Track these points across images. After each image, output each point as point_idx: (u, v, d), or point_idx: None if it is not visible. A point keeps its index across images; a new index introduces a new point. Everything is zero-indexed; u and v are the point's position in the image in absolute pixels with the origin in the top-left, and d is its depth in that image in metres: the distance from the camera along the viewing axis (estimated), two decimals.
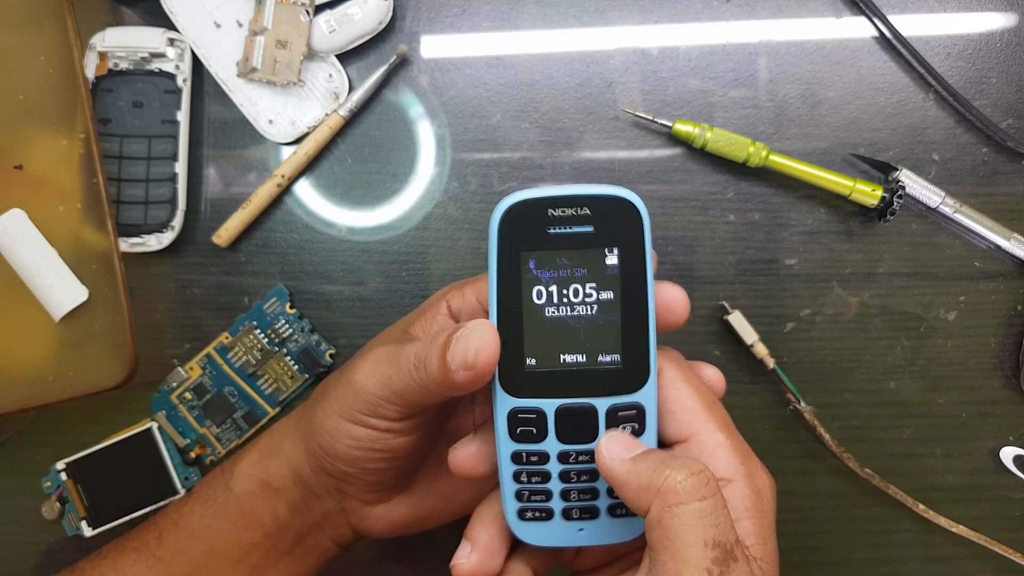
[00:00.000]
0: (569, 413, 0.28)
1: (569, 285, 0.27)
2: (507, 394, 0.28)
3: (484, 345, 0.27)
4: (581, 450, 0.28)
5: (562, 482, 0.29)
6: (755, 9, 0.45)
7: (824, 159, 0.44)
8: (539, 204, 0.27)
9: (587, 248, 0.27)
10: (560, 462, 0.28)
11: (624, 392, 0.28)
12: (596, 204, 0.27)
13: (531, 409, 0.28)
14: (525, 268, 0.27)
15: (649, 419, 0.28)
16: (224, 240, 0.43)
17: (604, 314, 0.27)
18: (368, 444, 0.31)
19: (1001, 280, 0.45)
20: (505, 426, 0.28)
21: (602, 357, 0.28)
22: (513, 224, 0.27)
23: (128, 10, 0.44)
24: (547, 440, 0.28)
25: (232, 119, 0.44)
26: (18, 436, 0.44)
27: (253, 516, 0.35)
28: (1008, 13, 0.45)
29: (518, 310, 0.27)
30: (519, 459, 0.28)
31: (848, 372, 0.45)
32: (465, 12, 0.45)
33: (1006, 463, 0.44)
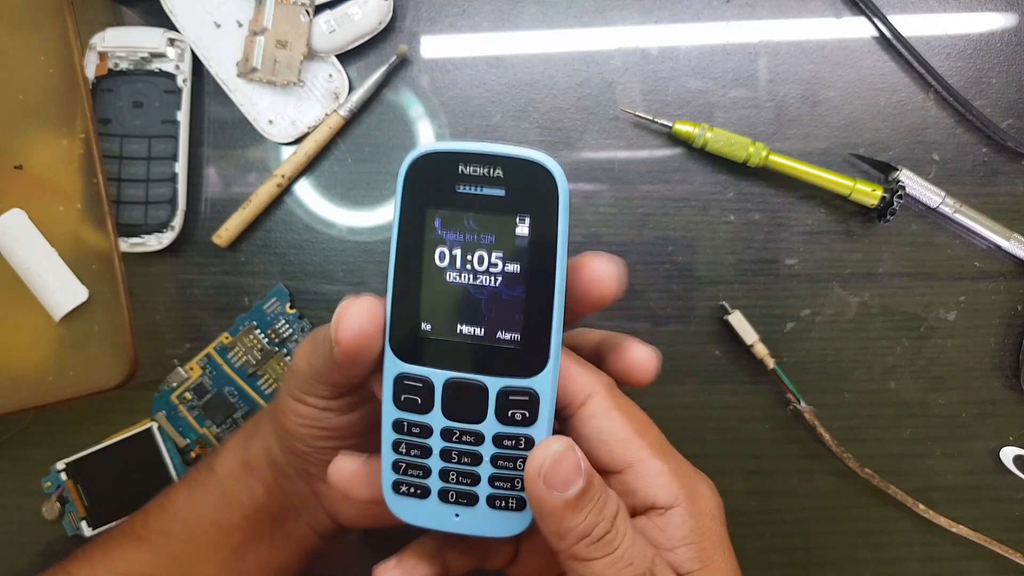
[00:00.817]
0: (458, 388, 0.26)
1: (475, 251, 0.25)
2: (396, 357, 0.26)
3: (347, 318, 0.25)
4: (466, 429, 0.26)
5: (442, 460, 0.27)
6: (755, 9, 0.45)
7: (824, 159, 0.44)
8: (449, 158, 0.25)
9: (497, 213, 0.25)
10: (443, 439, 0.27)
11: (520, 375, 0.26)
12: (510, 166, 0.25)
13: (419, 377, 0.26)
14: (429, 226, 0.25)
15: (543, 409, 0.26)
16: (224, 240, 0.43)
17: (508, 288, 0.25)
18: (311, 422, 0.31)
19: (1001, 280, 0.45)
20: (391, 390, 0.26)
21: (501, 334, 0.26)
22: (420, 176, 0.25)
23: (128, 10, 0.44)
24: (432, 413, 0.26)
25: (232, 119, 0.44)
26: (18, 436, 0.44)
27: (233, 497, 0.35)
28: (1008, 13, 0.45)
29: (417, 270, 0.26)
30: (400, 428, 0.27)
31: (848, 372, 0.45)
32: (465, 12, 0.45)
33: (1006, 463, 0.44)
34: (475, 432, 0.26)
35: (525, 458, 0.26)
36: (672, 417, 0.44)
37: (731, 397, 0.44)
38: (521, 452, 0.26)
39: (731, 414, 0.44)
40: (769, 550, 0.44)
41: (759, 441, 0.44)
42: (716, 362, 0.44)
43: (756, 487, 0.44)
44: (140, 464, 0.43)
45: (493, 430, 0.26)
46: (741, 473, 0.44)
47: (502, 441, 0.26)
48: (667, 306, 0.44)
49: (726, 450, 0.44)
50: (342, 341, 0.25)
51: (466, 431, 0.26)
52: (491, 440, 0.26)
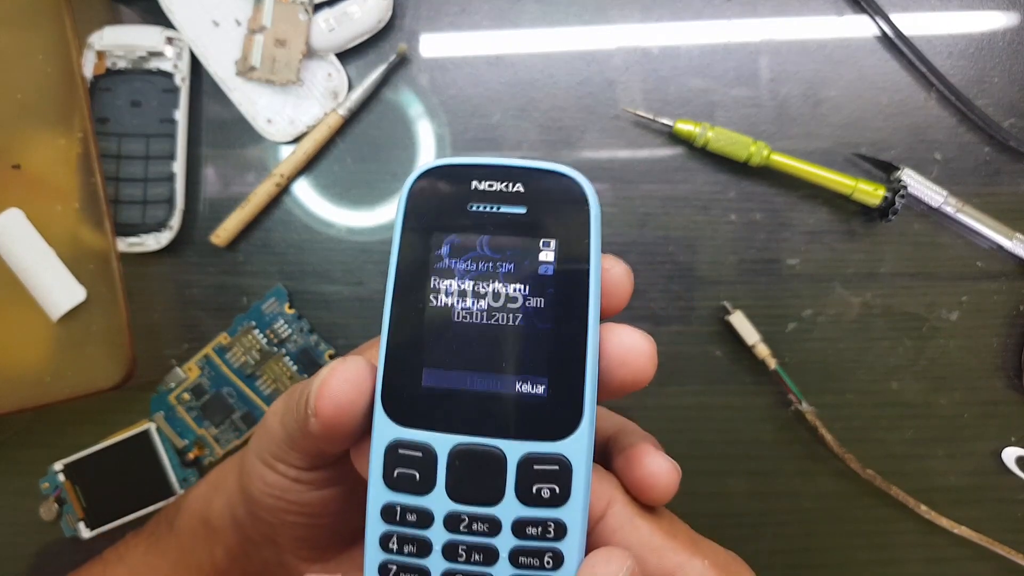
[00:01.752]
0: (468, 457, 0.21)
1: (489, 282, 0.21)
2: (390, 419, 0.21)
3: (328, 384, 0.21)
4: (478, 515, 0.21)
5: (446, 560, 0.21)
6: (757, 7, 0.45)
7: (826, 158, 0.44)
8: (461, 173, 0.21)
9: (516, 235, 0.21)
10: (447, 529, 0.21)
11: (547, 436, 0.20)
12: (533, 181, 0.21)
13: (418, 444, 0.21)
14: (435, 254, 0.21)
15: (576, 483, 0.20)
16: (222, 240, 0.43)
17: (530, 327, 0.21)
18: (280, 493, 0.26)
19: (1003, 280, 0.45)
20: (380, 464, 0.21)
21: (521, 385, 0.21)
22: (425, 195, 0.21)
23: (126, 9, 0.44)
24: (433, 493, 0.21)
25: (230, 118, 0.44)
26: (16, 437, 0.44)
27: (192, 558, 0.31)
28: (1010, 12, 0.45)
29: (419, 307, 0.21)
30: (392, 516, 0.21)
31: (850, 372, 0.44)
32: (465, 10, 0.45)
33: (1008, 464, 0.44)
34: (489, 518, 0.21)
35: (554, 553, 0.20)
36: (672, 418, 0.44)
37: (732, 398, 0.44)
38: (550, 544, 0.21)
39: (732, 415, 0.44)
40: (770, 551, 0.44)
41: (760, 442, 0.44)
42: (717, 363, 0.44)
43: (757, 488, 0.44)
44: (138, 465, 0.43)
45: (513, 514, 0.21)
46: (742, 474, 0.44)
47: (525, 529, 0.21)
48: (667, 306, 0.44)
49: (727, 451, 0.44)
50: (321, 412, 0.21)
51: (478, 517, 0.21)
52: (510, 529, 0.21)
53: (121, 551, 0.34)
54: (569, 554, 0.21)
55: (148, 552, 0.33)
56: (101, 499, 0.42)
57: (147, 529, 0.34)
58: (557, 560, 0.21)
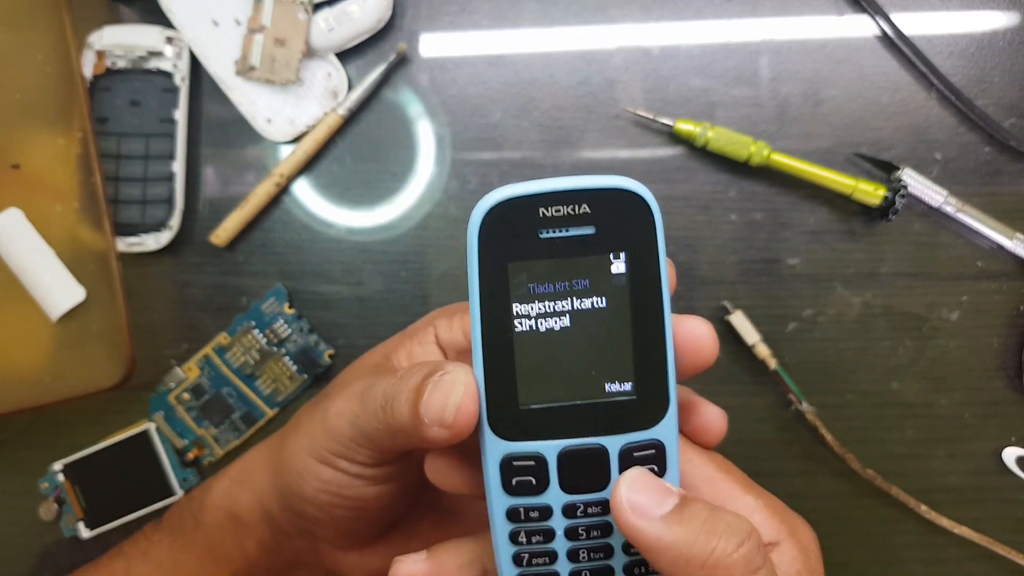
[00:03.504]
0: (574, 457, 0.23)
1: (568, 303, 0.23)
2: (498, 438, 0.23)
3: (466, 400, 0.23)
4: (590, 500, 0.24)
5: (568, 540, 0.24)
6: (757, 7, 0.45)
7: (826, 158, 0.44)
8: (527, 203, 0.22)
9: (588, 254, 0.23)
10: (566, 517, 0.24)
11: (639, 427, 0.23)
12: (597, 199, 0.23)
13: (528, 454, 0.23)
14: (514, 283, 0.23)
15: (670, 459, 0.24)
16: (222, 240, 0.43)
17: (611, 334, 0.23)
18: (336, 489, 0.27)
19: (1004, 280, 0.44)
20: (498, 477, 0.23)
21: (611, 387, 0.23)
22: (496, 229, 0.23)
23: (126, 8, 0.44)
24: (549, 491, 0.24)
25: (230, 118, 0.44)
26: (15, 437, 0.44)
27: (221, 552, 0.32)
28: (1010, 12, 0.45)
29: (508, 334, 0.23)
30: (516, 516, 0.24)
31: (850, 373, 0.44)
32: (465, 10, 0.45)
33: (1008, 464, 0.44)
34: (601, 501, 0.24)
35: None
36: None
37: (732, 398, 0.44)
38: None
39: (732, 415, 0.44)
40: None
41: (761, 442, 0.44)
42: (717, 362, 0.43)
43: None
44: (138, 465, 0.43)
45: None
46: None
47: None
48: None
49: (727, 451, 0.44)
50: (457, 424, 0.23)
51: (591, 502, 0.24)
52: None
53: (143, 547, 0.34)
54: None
55: (174, 548, 0.33)
56: (101, 499, 0.42)
57: (168, 525, 0.35)
58: None
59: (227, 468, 0.34)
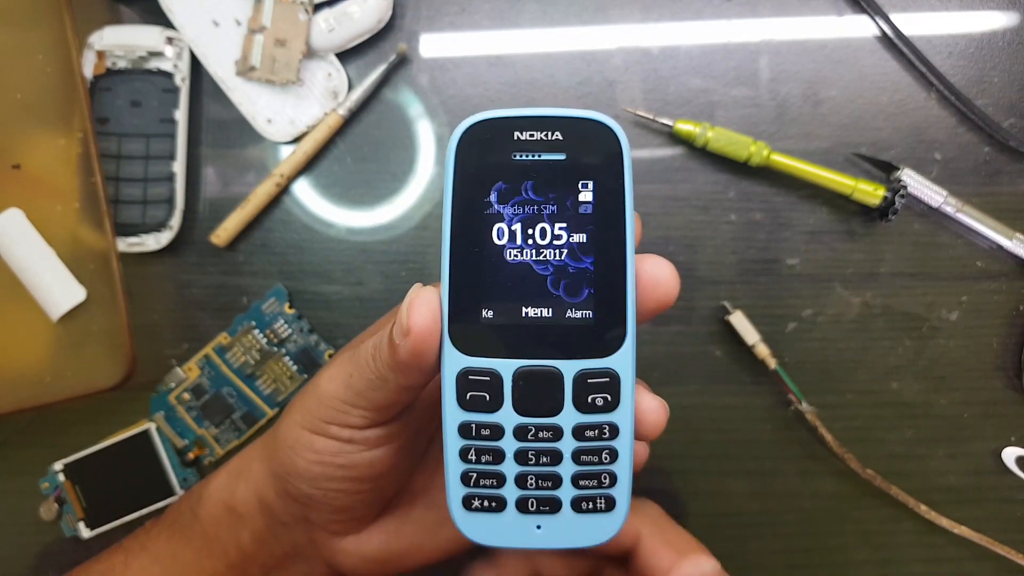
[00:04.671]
0: (530, 377, 0.24)
1: (536, 224, 0.24)
2: (458, 351, 0.24)
3: (417, 302, 0.23)
4: (542, 424, 0.24)
5: (518, 464, 0.24)
6: (756, 7, 0.45)
7: (826, 158, 0.44)
8: (504, 125, 0.24)
9: (558, 179, 0.24)
10: (517, 438, 0.24)
11: (596, 355, 0.24)
12: (570, 129, 0.23)
13: (485, 370, 0.24)
14: (486, 201, 0.24)
15: (624, 391, 0.24)
16: (222, 240, 0.43)
17: (575, 260, 0.24)
18: (329, 458, 0.28)
19: (1003, 280, 0.45)
20: (453, 390, 0.24)
21: (571, 313, 0.24)
22: (473, 147, 0.24)
23: (126, 9, 0.44)
24: (502, 410, 0.24)
25: (230, 118, 0.44)
26: (16, 437, 0.44)
27: (217, 545, 0.32)
28: (1010, 12, 0.45)
29: (475, 250, 0.24)
30: (468, 432, 0.24)
31: (850, 372, 0.44)
32: (465, 10, 0.45)
33: (1008, 464, 0.44)
34: (552, 426, 0.24)
35: (610, 450, 0.24)
36: (673, 418, 0.44)
37: (732, 398, 0.44)
38: (605, 443, 0.24)
39: (732, 415, 0.44)
40: (770, 551, 0.44)
41: (760, 442, 0.44)
42: (717, 362, 0.44)
43: (757, 488, 0.44)
44: (138, 465, 0.43)
45: (572, 421, 0.24)
46: (742, 474, 0.44)
47: (583, 433, 0.24)
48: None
49: (727, 451, 0.44)
50: (412, 329, 0.23)
51: (542, 426, 0.24)
52: (571, 433, 0.24)
53: (142, 540, 0.34)
54: (623, 449, 0.24)
55: (171, 540, 0.33)
56: (101, 499, 0.42)
57: (168, 518, 0.35)
58: (613, 455, 0.24)
59: (226, 463, 0.35)
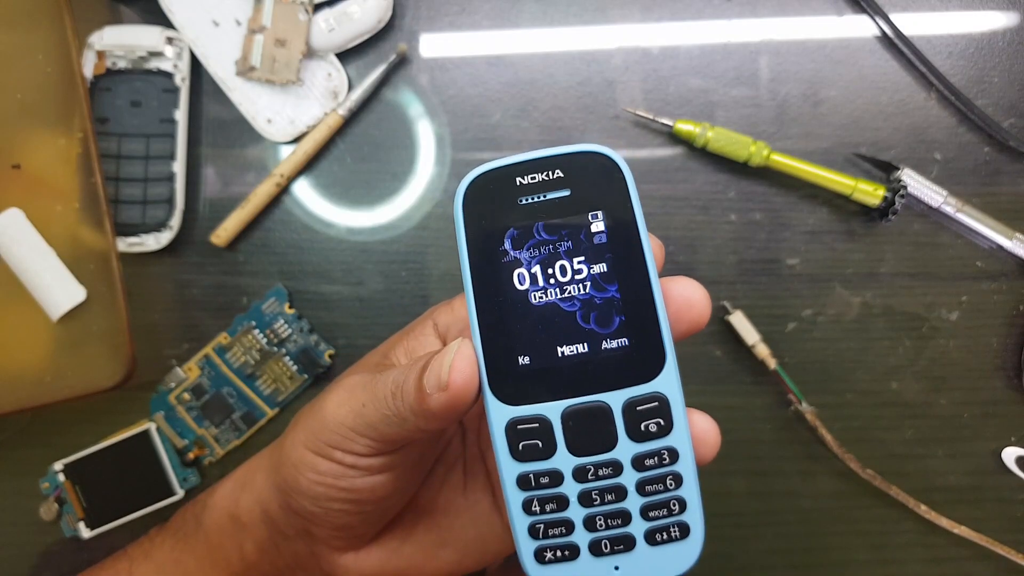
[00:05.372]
0: (578, 416, 0.24)
1: (554, 263, 0.24)
2: (501, 403, 0.24)
3: (459, 360, 0.23)
4: (600, 462, 0.24)
5: (583, 507, 0.24)
6: (756, 7, 0.45)
7: (826, 158, 0.44)
8: (504, 173, 0.24)
9: (567, 215, 0.24)
10: (577, 481, 0.24)
11: (640, 381, 0.24)
12: (569, 164, 0.24)
13: (532, 417, 0.24)
14: (501, 250, 0.24)
15: (676, 412, 0.24)
16: (222, 240, 0.43)
17: (599, 291, 0.24)
18: (332, 481, 0.28)
19: (1003, 280, 0.45)
20: (505, 443, 0.24)
21: (607, 343, 0.24)
22: (479, 200, 0.24)
23: (126, 9, 0.44)
24: (557, 455, 0.24)
25: (230, 118, 0.44)
26: (16, 437, 0.44)
27: (220, 553, 0.32)
28: (1010, 12, 0.45)
29: (499, 299, 0.24)
30: (527, 484, 0.24)
31: (850, 372, 0.44)
32: (465, 10, 0.45)
33: (1008, 464, 0.44)
34: (611, 462, 0.24)
35: (674, 475, 0.24)
36: None
37: (732, 398, 0.44)
38: (668, 468, 0.24)
39: (732, 415, 0.44)
40: (770, 551, 0.44)
41: (760, 442, 0.44)
42: (717, 362, 0.44)
43: (757, 488, 0.44)
44: (138, 465, 0.43)
45: (630, 452, 0.24)
46: (742, 474, 0.44)
47: (643, 462, 0.24)
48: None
49: (727, 451, 0.44)
50: (452, 384, 0.23)
51: (601, 463, 0.24)
52: (631, 465, 0.24)
53: (146, 547, 0.34)
54: (686, 472, 0.24)
55: (175, 549, 0.33)
56: (101, 499, 0.42)
57: (172, 526, 0.35)
58: (677, 480, 0.24)
59: (233, 472, 0.35)
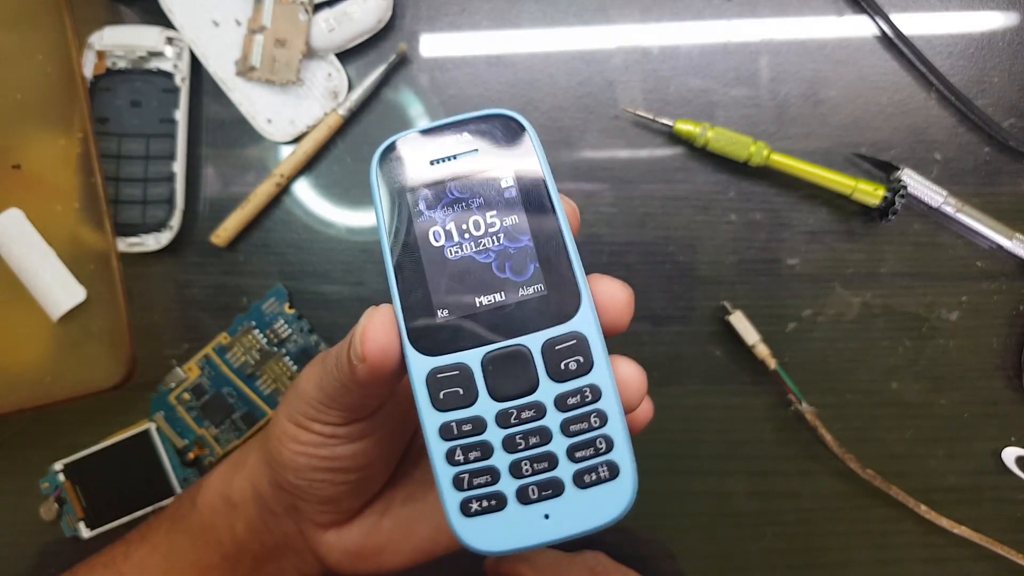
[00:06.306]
0: (498, 361, 0.24)
1: (468, 219, 0.24)
2: (421, 354, 0.24)
3: (369, 330, 0.24)
4: (522, 404, 0.24)
5: (508, 452, 0.24)
6: (756, 7, 0.45)
7: (826, 158, 0.44)
8: (414, 140, 0.25)
9: (477, 173, 0.25)
10: (500, 426, 0.24)
11: (556, 322, 0.24)
12: (475, 127, 0.25)
13: (452, 365, 0.24)
14: (415, 210, 0.25)
15: (595, 349, 0.24)
16: (222, 240, 0.43)
17: (513, 240, 0.24)
18: (313, 450, 0.28)
19: (1003, 280, 0.44)
20: (425, 394, 0.24)
21: (523, 290, 0.24)
22: (391, 166, 0.25)
23: (126, 9, 0.44)
24: (479, 401, 0.24)
25: (230, 118, 0.44)
26: (16, 437, 0.44)
27: (212, 534, 0.33)
28: (1010, 12, 0.45)
29: (416, 257, 0.24)
30: (450, 433, 0.24)
31: (850, 372, 0.44)
32: (465, 11, 0.45)
33: (1008, 464, 0.44)
34: (534, 404, 0.24)
35: (597, 412, 0.24)
36: (673, 418, 0.44)
37: (732, 398, 0.44)
38: (592, 407, 0.24)
39: (732, 415, 0.44)
40: (770, 551, 0.44)
41: (760, 442, 0.44)
42: (717, 363, 0.44)
43: (757, 488, 0.44)
44: (138, 465, 0.43)
45: (552, 393, 0.24)
46: (742, 474, 0.44)
47: (565, 401, 0.24)
48: (667, 306, 0.44)
49: (727, 451, 0.44)
50: (367, 355, 0.24)
51: (523, 406, 0.24)
52: (553, 405, 0.24)
53: (143, 531, 0.35)
54: (610, 410, 0.24)
55: (171, 531, 0.34)
56: (101, 499, 0.42)
57: (169, 510, 0.35)
58: (602, 418, 0.24)
59: (230, 455, 0.35)
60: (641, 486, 0.24)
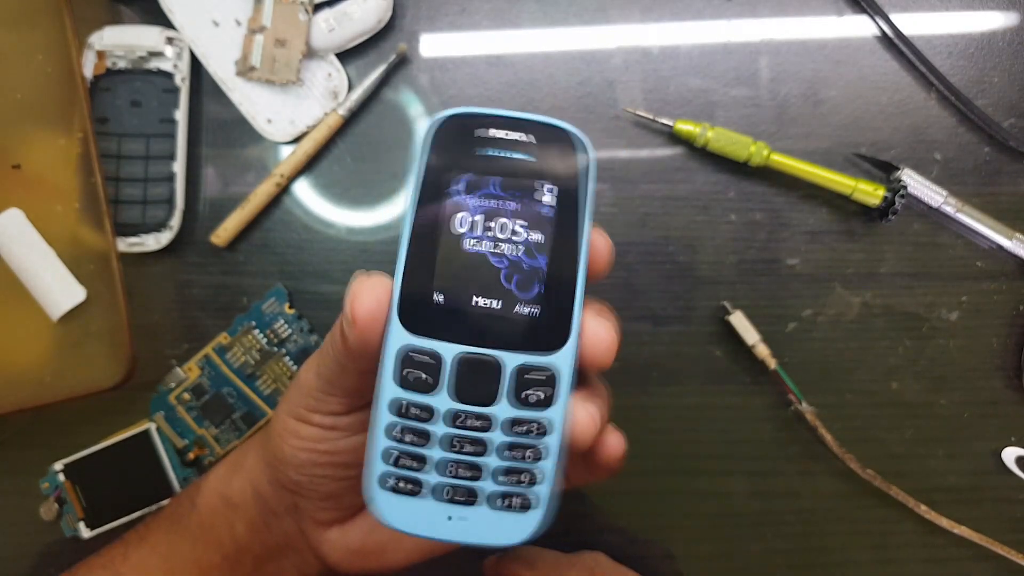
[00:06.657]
0: (470, 365, 0.24)
1: (496, 218, 0.24)
2: (403, 328, 0.24)
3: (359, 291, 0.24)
4: (475, 412, 0.24)
5: (443, 450, 0.24)
6: (756, 7, 0.45)
7: (826, 158, 0.44)
8: (479, 121, 0.25)
9: (523, 178, 0.24)
10: (446, 424, 0.24)
11: (539, 350, 0.24)
12: (541, 133, 0.25)
13: (428, 351, 0.24)
14: (452, 189, 0.24)
15: (560, 391, 0.24)
16: (222, 240, 0.43)
17: (530, 257, 0.24)
18: (313, 444, 0.29)
19: (1003, 280, 0.45)
20: (392, 365, 0.24)
21: (520, 308, 0.24)
22: (447, 138, 0.25)
23: (126, 9, 0.44)
24: (438, 393, 0.24)
25: (230, 118, 0.44)
26: (16, 437, 0.44)
27: (212, 535, 0.33)
28: (1010, 12, 0.45)
29: (435, 235, 0.24)
30: (400, 409, 0.24)
31: (850, 372, 0.44)
32: (465, 10, 0.45)
33: (1008, 464, 0.44)
34: (485, 416, 0.24)
35: (536, 449, 0.24)
36: (673, 418, 0.44)
37: (732, 398, 0.44)
38: (534, 440, 0.24)
39: (732, 415, 0.44)
40: (770, 551, 0.44)
41: (760, 442, 0.44)
42: (717, 363, 0.44)
43: (757, 488, 0.44)
44: (138, 465, 0.43)
45: (505, 414, 0.24)
46: (742, 474, 0.44)
47: (513, 427, 0.24)
48: (667, 306, 0.44)
49: (727, 451, 0.44)
50: (356, 318, 0.24)
51: (475, 414, 0.24)
52: (502, 426, 0.24)
53: (142, 532, 0.35)
54: (550, 450, 0.24)
55: (169, 532, 0.34)
56: (101, 499, 0.42)
57: (168, 511, 0.35)
58: (537, 454, 0.24)
59: (226, 457, 0.35)
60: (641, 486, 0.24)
